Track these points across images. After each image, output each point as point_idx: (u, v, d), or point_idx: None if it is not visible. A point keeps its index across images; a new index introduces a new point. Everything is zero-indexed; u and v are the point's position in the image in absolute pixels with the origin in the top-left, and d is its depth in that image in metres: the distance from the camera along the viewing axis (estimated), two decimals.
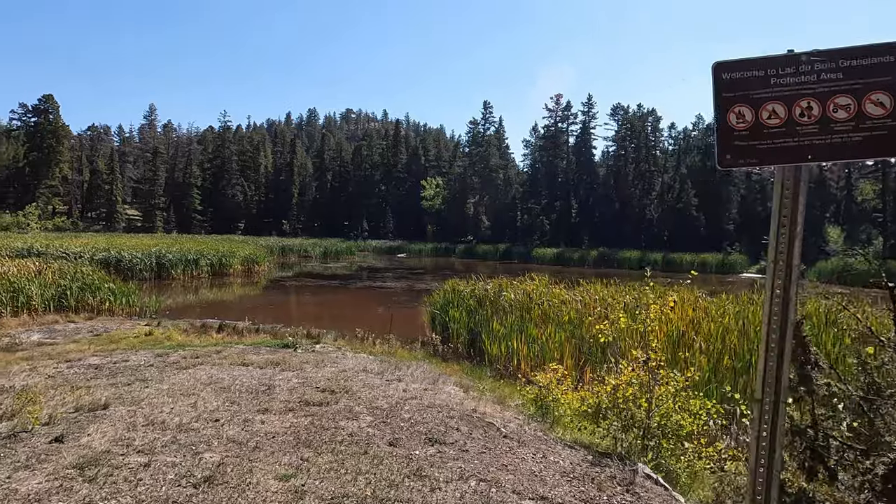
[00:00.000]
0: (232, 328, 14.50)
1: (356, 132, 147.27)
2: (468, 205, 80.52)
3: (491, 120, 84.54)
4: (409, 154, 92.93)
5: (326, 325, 17.49)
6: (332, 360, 8.69)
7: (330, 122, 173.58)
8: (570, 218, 71.67)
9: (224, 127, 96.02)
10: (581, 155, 74.90)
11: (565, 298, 11.85)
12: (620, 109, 76.14)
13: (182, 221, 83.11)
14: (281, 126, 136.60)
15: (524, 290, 12.70)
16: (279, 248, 55.60)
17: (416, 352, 11.72)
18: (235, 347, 10.04)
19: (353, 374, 7.43)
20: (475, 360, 11.08)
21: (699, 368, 7.04)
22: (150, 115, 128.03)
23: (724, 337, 7.66)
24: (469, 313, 12.35)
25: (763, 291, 2.49)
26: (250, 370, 7.54)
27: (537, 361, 9.76)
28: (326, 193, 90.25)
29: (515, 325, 10.78)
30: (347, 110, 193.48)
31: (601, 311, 10.26)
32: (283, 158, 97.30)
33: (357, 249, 66.43)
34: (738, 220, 64.05)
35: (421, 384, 6.89)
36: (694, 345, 7.87)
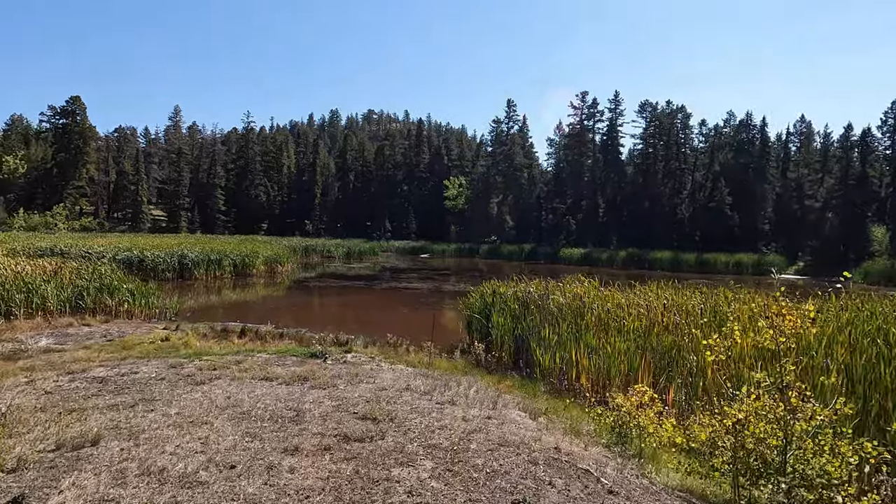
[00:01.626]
0: (254, 332, 13.48)
1: (378, 133, 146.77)
2: (492, 204, 79.16)
3: (515, 118, 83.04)
4: (432, 154, 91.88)
5: (353, 328, 16.42)
6: (367, 374, 7.55)
7: (352, 122, 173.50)
8: (597, 217, 69.87)
9: (247, 128, 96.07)
10: (608, 153, 73.05)
11: (621, 302, 10.56)
12: (648, 106, 74.07)
13: (206, 222, 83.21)
14: (303, 127, 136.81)
15: (574, 292, 11.43)
16: (302, 249, 54.90)
17: (457, 361, 10.54)
18: (258, 357, 8.97)
19: (395, 393, 6.28)
20: (524, 371, 9.86)
21: (834, 394, 5.76)
22: (175, 116, 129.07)
23: (861, 356, 6.29)
24: (514, 318, 11.14)
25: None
26: (275, 387, 6.43)
27: (600, 376, 8.51)
28: (349, 193, 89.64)
29: (570, 334, 9.53)
30: (369, 111, 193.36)
31: (672, 318, 8.96)
32: (306, 159, 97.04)
33: (380, 250, 65.54)
34: (774, 220, 61.68)
35: (479, 409, 5.71)
36: (813, 364, 6.53)
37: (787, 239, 58.72)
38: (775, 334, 4.42)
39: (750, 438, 4.28)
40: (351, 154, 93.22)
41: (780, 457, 4.25)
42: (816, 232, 56.59)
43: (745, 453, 4.32)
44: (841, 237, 53.44)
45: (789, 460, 4.24)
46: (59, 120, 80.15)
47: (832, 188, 57.88)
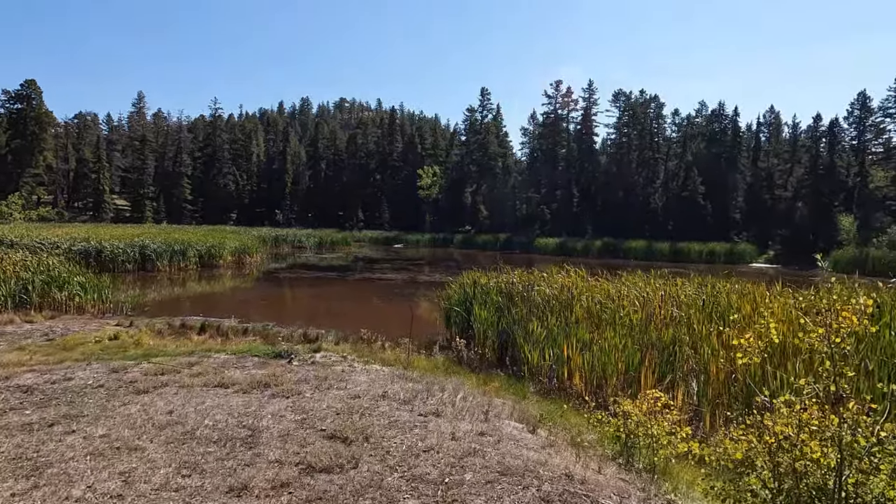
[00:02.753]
0: (216, 328, 12.46)
1: (350, 121, 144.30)
2: (466, 194, 78.37)
3: (489, 107, 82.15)
4: (405, 143, 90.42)
5: (325, 322, 15.48)
6: (337, 377, 6.68)
7: (323, 111, 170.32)
8: (571, 207, 69.65)
9: (215, 115, 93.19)
10: (582, 142, 72.79)
11: (612, 293, 9.87)
12: (622, 96, 73.94)
13: (172, 211, 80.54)
14: (273, 115, 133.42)
15: (561, 283, 10.71)
16: (272, 239, 53.42)
17: (437, 359, 9.72)
18: (215, 357, 8.01)
19: (369, 402, 5.43)
20: (510, 369, 9.10)
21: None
22: (138, 102, 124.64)
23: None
24: (497, 311, 10.36)
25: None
26: (229, 397, 5.52)
27: (594, 374, 7.79)
28: (321, 182, 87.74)
29: (559, 328, 8.79)
30: (341, 99, 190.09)
31: (669, 310, 8.28)
32: (276, 147, 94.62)
33: (353, 240, 64.30)
34: (745, 209, 62.26)
35: (470, 422, 4.90)
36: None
37: (758, 228, 59.30)
38: (827, 333, 3.70)
39: (801, 460, 3.56)
40: (322, 142, 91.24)
41: (834, 480, 3.55)
42: (786, 221, 57.27)
43: (793, 477, 3.60)
44: (810, 226, 54.14)
45: (845, 484, 3.54)
46: (13, 105, 76.41)
47: (801, 178, 58.58)
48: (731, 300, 8.74)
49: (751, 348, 4.14)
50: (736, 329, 7.47)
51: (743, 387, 6.20)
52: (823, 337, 3.72)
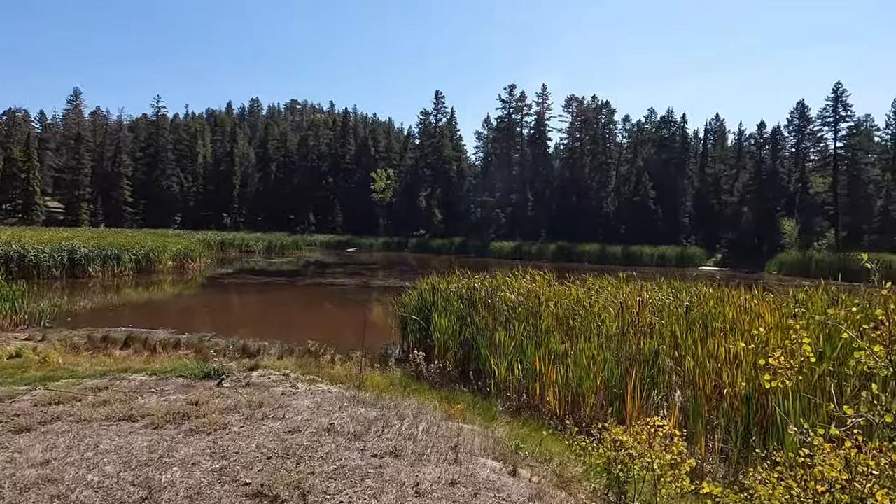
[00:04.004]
0: (143, 342, 11.09)
1: (302, 123, 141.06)
2: (420, 197, 77.46)
3: (443, 111, 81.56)
4: (358, 145, 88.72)
5: (270, 332, 14.25)
6: (275, 403, 5.63)
7: (274, 112, 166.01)
8: (526, 211, 69.74)
9: (158, 114, 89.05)
10: (536, 147, 73.05)
11: (582, 299, 9.13)
12: (575, 101, 74.77)
13: (111, 214, 76.25)
14: (221, 115, 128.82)
15: (527, 289, 9.91)
16: (218, 243, 51.08)
17: (393, 373, 8.74)
18: (131, 380, 6.79)
19: (311, 439, 4.41)
20: (475, 384, 8.22)
21: None
22: (74, 99, 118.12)
23: None
24: (459, 320, 9.48)
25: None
26: (133, 436, 4.41)
27: (569, 391, 6.98)
28: (270, 185, 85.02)
29: (529, 338, 7.97)
30: (292, 101, 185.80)
31: (647, 317, 7.58)
32: (224, 148, 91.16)
33: (304, 244, 62.37)
34: (694, 213, 63.72)
35: (436, 464, 3.96)
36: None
37: (706, 232, 60.73)
38: (890, 353, 2.97)
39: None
40: (272, 144, 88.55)
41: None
42: (733, 225, 58.82)
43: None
44: (755, 230, 55.72)
45: None
46: None
47: (747, 183, 60.30)
48: (710, 306, 8.13)
49: (782, 369, 3.40)
50: (721, 337, 6.82)
51: (742, 407, 5.51)
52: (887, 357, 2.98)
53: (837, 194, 53.13)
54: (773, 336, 6.48)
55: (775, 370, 3.39)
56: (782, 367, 3.35)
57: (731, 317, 7.51)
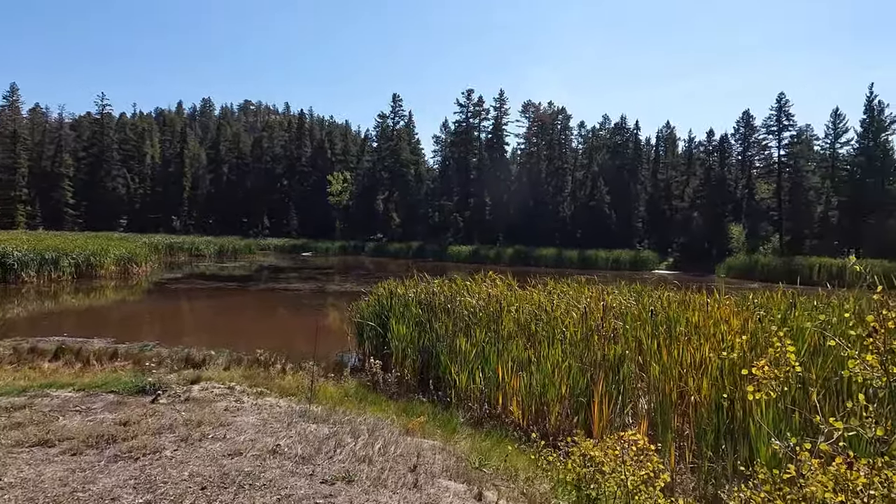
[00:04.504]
0: (75, 353, 10.26)
1: (256, 124, 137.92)
2: (378, 201, 76.70)
3: (401, 114, 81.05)
4: (314, 147, 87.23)
5: (219, 340, 13.54)
6: (216, 421, 5.12)
7: (227, 113, 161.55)
8: (484, 215, 69.99)
9: (103, 113, 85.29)
10: (493, 151, 73.42)
11: (544, 303, 8.90)
12: (531, 106, 75.62)
13: (51, 216, 72.52)
14: (171, 115, 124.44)
15: (488, 293, 9.61)
16: (166, 246, 49.23)
17: (348, 384, 8.29)
18: (54, 396, 6.14)
19: (254, 464, 3.96)
20: (434, 394, 7.85)
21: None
22: (11, 95, 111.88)
23: None
24: (417, 326, 9.10)
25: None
26: (46, 465, 3.86)
27: (533, 400, 6.70)
28: (222, 187, 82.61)
29: (491, 345, 7.67)
30: (246, 102, 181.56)
31: (610, 322, 7.38)
32: (173, 149, 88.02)
33: (257, 248, 60.79)
34: (647, 218, 65.24)
35: (394, 490, 3.57)
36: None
37: (658, 236, 62.24)
38: (884, 362, 2.76)
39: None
40: (225, 145, 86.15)
41: None
42: (684, 229, 60.42)
43: None
44: (705, 234, 57.39)
45: None
46: None
47: (697, 189, 62.09)
48: (673, 309, 8.02)
49: (766, 380, 3.17)
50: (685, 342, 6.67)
51: (713, 416, 5.33)
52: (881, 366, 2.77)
53: (781, 200, 55.24)
54: (739, 340, 6.36)
55: (759, 380, 3.17)
56: (767, 377, 3.13)
57: (695, 321, 7.39)
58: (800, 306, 7.88)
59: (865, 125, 50.99)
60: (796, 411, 4.55)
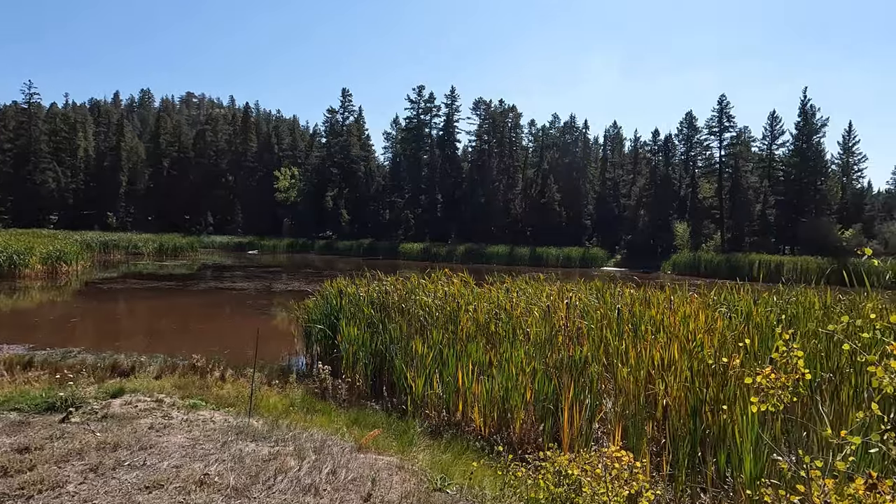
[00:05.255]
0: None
1: (199, 118, 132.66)
2: (327, 198, 74.99)
3: (350, 109, 79.49)
4: (261, 142, 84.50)
5: (153, 344, 12.55)
6: (137, 444, 4.42)
7: (167, 105, 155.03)
8: (435, 212, 69.56)
9: (30, 102, 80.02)
10: (445, 148, 73.04)
11: (502, 302, 8.48)
12: (482, 104, 75.58)
13: None
14: (107, 106, 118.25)
15: (444, 291, 9.12)
16: (101, 244, 46.51)
17: (294, 392, 7.63)
18: None
19: (177, 498, 3.32)
20: (389, 402, 7.29)
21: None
22: None
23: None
24: (370, 327, 8.52)
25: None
26: None
27: (495, 407, 6.24)
28: (162, 183, 78.91)
29: (449, 347, 7.17)
30: (188, 94, 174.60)
31: (575, 322, 7.01)
32: (109, 142, 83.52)
33: (200, 245, 58.34)
34: (595, 216, 66.36)
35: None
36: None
37: (606, 234, 63.38)
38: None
39: None
40: (165, 138, 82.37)
41: None
42: (631, 227, 61.74)
43: None
44: (651, 232, 58.81)
45: None
46: None
47: (643, 188, 63.53)
48: (636, 307, 7.74)
49: (773, 390, 2.79)
50: (653, 341, 6.37)
51: (687, 420, 5.00)
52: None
53: (722, 199, 57.12)
54: (707, 339, 6.10)
55: (765, 390, 2.80)
56: (773, 386, 2.75)
57: (659, 318, 7.12)
58: (762, 302, 7.75)
59: (800, 127, 53.28)
60: (779, 419, 4.24)
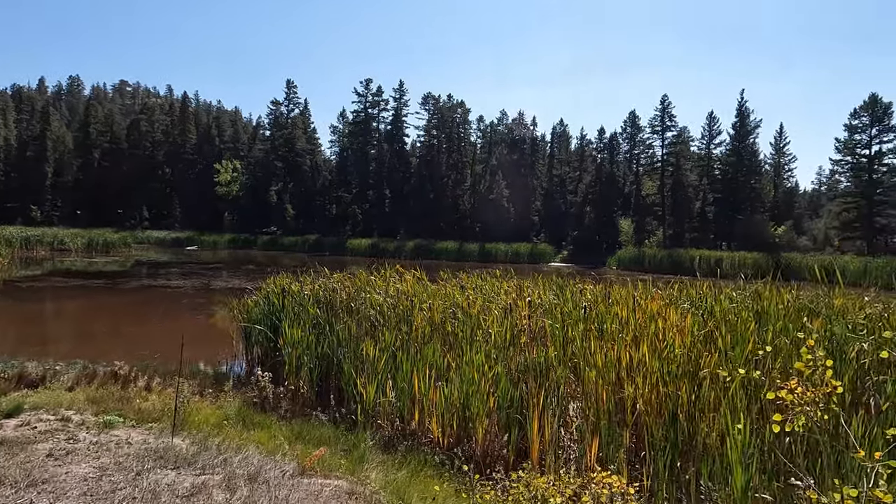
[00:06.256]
0: None
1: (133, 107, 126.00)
2: (271, 192, 72.62)
3: (295, 101, 77.26)
4: (200, 134, 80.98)
5: (76, 348, 11.40)
6: (23, 480, 3.64)
7: (99, 93, 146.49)
8: (383, 208, 68.55)
9: None
10: (393, 142, 72.10)
11: (459, 300, 7.97)
12: (431, 98, 75.00)
13: None
14: (30, 93, 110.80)
15: (396, 289, 8.52)
16: (22, 240, 43.40)
17: (229, 402, 6.86)
18: None
19: None
20: (336, 410, 6.63)
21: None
22: None
23: None
24: (315, 328, 7.82)
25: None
26: None
27: (455, 416, 5.70)
28: (93, 175, 74.40)
29: (403, 350, 6.59)
30: (122, 82, 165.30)
31: (539, 321, 6.57)
32: (32, 130, 78.12)
33: (134, 241, 55.46)
34: (543, 212, 67.03)
35: None
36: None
37: (553, 230, 64.08)
38: None
39: None
40: (96, 128, 77.81)
41: None
42: (578, 223, 62.66)
43: None
44: (597, 228, 59.90)
45: None
46: None
47: (589, 185, 64.61)
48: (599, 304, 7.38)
49: (799, 406, 2.36)
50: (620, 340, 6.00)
51: (666, 428, 4.61)
52: None
53: (664, 197, 58.73)
54: (679, 338, 5.76)
55: (789, 406, 2.37)
56: (801, 401, 2.33)
57: (624, 316, 6.76)
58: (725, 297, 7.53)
59: (736, 128, 55.34)
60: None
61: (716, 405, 4.43)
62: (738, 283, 8.63)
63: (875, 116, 45.61)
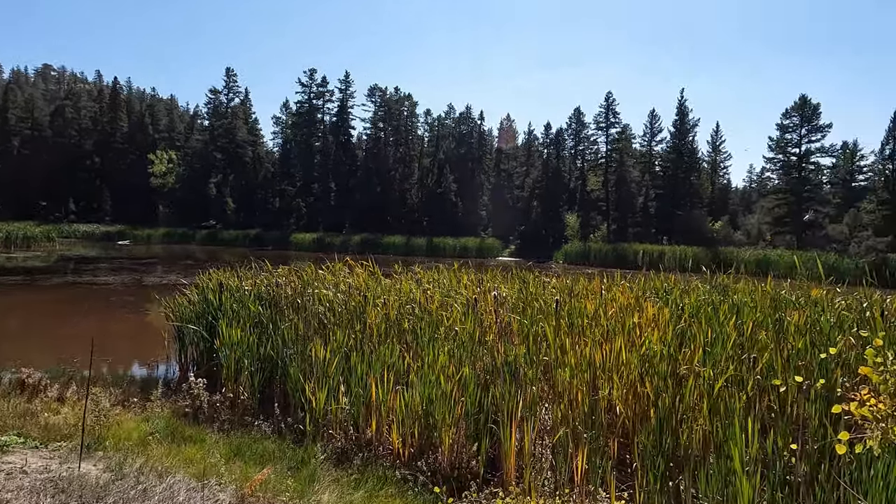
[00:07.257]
0: None
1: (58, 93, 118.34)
2: (210, 185, 69.56)
3: (235, 90, 74.23)
4: (133, 122, 76.64)
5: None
6: None
7: (19, 77, 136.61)
8: (329, 201, 66.94)
9: None
10: (339, 135, 70.42)
11: (417, 295, 7.39)
12: (378, 91, 73.69)
13: None
14: None
15: (348, 283, 7.85)
16: None
17: (156, 412, 6.03)
18: None
19: None
20: (281, 420, 5.91)
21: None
22: None
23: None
24: (257, 328, 7.05)
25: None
26: None
27: (416, 424, 5.12)
28: (12, 163, 69.00)
29: (356, 351, 5.94)
30: (45, 66, 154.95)
31: (505, 317, 6.06)
32: None
33: (59, 235, 51.92)
34: (490, 207, 67.15)
35: None
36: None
37: (500, 224, 64.28)
38: None
39: None
40: (15, 113, 72.37)
41: None
42: (525, 218, 63.05)
43: None
44: (543, 223, 60.42)
45: None
46: None
47: (536, 180, 65.11)
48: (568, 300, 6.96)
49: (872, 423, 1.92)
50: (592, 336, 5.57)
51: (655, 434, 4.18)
52: None
53: (608, 192, 59.85)
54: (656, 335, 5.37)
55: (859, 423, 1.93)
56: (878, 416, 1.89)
57: (592, 310, 6.35)
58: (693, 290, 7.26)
59: (677, 126, 56.97)
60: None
61: (715, 409, 4.03)
62: (683, 276, 8.47)
63: (804, 117, 47.80)
